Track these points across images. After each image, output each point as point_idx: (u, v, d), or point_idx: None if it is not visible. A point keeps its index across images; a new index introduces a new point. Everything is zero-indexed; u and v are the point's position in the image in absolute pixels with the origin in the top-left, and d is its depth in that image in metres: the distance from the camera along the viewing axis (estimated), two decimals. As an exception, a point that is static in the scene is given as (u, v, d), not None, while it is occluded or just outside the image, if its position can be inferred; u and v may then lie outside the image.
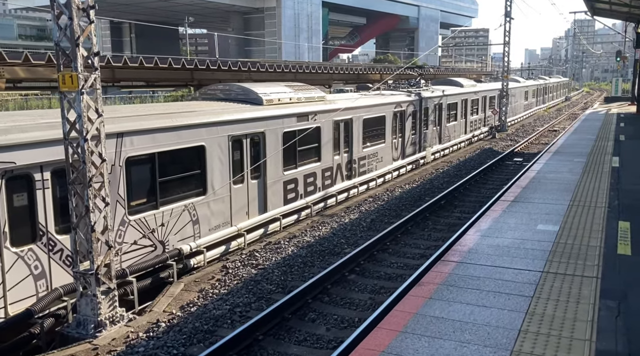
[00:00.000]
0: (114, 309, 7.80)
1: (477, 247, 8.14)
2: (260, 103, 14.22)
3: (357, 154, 18.79)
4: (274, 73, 21.52)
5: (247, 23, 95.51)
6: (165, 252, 10.52)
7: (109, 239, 7.75)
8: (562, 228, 9.07)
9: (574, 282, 6.72)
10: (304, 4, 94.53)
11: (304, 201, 15.22)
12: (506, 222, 9.51)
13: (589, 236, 8.60)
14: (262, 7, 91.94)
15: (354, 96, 19.86)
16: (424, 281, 6.79)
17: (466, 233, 8.92)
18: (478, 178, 19.89)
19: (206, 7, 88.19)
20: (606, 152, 17.32)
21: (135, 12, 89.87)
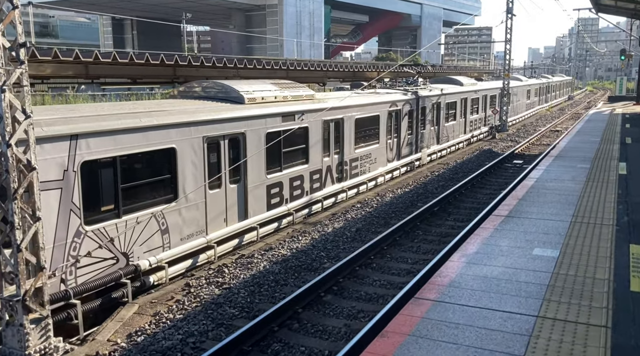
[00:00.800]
0: (47, 340, 6.81)
1: (460, 279, 6.72)
2: (241, 101, 13.19)
3: (349, 155, 17.76)
4: (264, 70, 20.50)
5: (249, 20, 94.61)
6: (118, 270, 9.40)
7: (41, 259, 6.74)
8: (562, 253, 7.64)
9: (578, 333, 5.33)
10: (306, 2, 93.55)
11: (285, 208, 14.14)
12: (498, 245, 8.09)
13: (594, 265, 7.17)
14: (264, 5, 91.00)
15: (345, 95, 18.82)
16: (388, 330, 5.40)
17: (449, 259, 7.46)
18: (475, 182, 18.79)
19: (208, 3, 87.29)
20: (612, 157, 16.02)
21: (137, 9, 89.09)
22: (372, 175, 19.26)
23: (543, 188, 11.93)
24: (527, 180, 12.91)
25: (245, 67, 18.42)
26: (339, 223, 13.80)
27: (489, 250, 7.88)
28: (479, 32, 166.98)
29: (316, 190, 15.93)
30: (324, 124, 16.23)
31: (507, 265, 7.27)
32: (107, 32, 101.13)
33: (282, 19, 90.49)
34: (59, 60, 12.58)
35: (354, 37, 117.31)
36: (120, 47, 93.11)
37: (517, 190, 11.78)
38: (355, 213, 14.79)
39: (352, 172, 18.08)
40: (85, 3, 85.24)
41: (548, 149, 25.35)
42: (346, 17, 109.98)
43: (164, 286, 9.64)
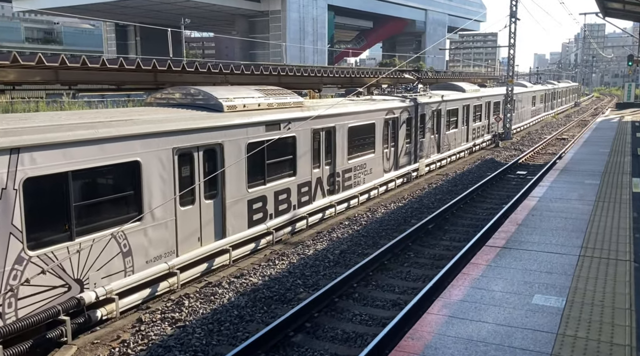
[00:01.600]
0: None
1: (439, 342, 5.27)
2: (219, 109, 12.13)
3: (342, 166, 16.66)
4: (254, 76, 19.48)
5: (252, 26, 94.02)
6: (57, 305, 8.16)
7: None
8: (569, 302, 6.15)
9: None
10: (309, 7, 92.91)
11: (265, 226, 12.90)
12: (489, 289, 6.57)
13: (611, 321, 5.62)
14: (267, 11, 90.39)
15: (339, 102, 17.74)
16: None
17: (428, 311, 6.02)
18: (475, 195, 17.57)
19: (211, 10, 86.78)
20: (623, 171, 14.59)
21: (140, 14, 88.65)
22: (367, 187, 18.16)
23: (547, 210, 10.49)
24: (529, 200, 11.46)
25: (232, 72, 17.37)
26: (323, 244, 12.61)
27: (478, 297, 6.39)
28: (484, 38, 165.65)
29: (305, 204, 14.83)
30: (314, 133, 15.15)
31: (499, 320, 5.80)
32: (110, 39, 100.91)
33: (286, 25, 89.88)
34: (19, 65, 11.56)
35: (358, 43, 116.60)
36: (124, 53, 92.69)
37: (517, 212, 10.34)
38: (342, 231, 13.62)
39: (345, 184, 16.99)
40: (89, 9, 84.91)
41: (554, 159, 24.13)
42: (350, 23, 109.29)
43: (113, 322, 8.51)
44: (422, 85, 24.97)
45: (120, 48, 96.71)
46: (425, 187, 19.46)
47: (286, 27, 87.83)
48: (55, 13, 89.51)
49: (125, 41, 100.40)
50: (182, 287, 9.95)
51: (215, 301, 9.14)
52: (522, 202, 11.43)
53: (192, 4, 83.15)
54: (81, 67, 12.66)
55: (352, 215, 15.28)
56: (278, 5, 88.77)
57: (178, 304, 9.05)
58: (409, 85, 24.86)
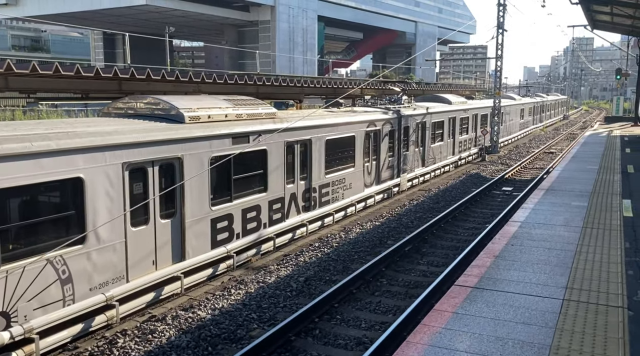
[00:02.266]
0: None
1: None
2: (180, 120, 11.19)
3: (318, 181, 15.75)
4: (229, 85, 18.54)
5: (242, 36, 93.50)
6: None
7: None
8: None
9: None
10: (299, 18, 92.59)
11: (224, 249, 11.76)
12: (452, 348, 5.29)
13: None
14: (256, 21, 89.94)
15: (316, 113, 16.87)
16: None
17: None
18: (457, 213, 16.62)
19: (199, 19, 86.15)
20: (613, 192, 13.42)
21: (128, 23, 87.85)
22: (347, 202, 17.26)
23: (528, 239, 9.22)
24: (509, 225, 10.19)
25: (203, 81, 16.43)
26: (288, 269, 11.52)
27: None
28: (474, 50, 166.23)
29: (277, 222, 13.88)
30: (287, 146, 14.24)
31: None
32: (98, 47, 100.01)
33: (275, 35, 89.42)
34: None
35: (348, 54, 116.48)
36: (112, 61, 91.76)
37: (494, 241, 8.99)
38: (311, 254, 12.55)
39: (322, 200, 16.07)
40: (75, 17, 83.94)
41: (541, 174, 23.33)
42: (340, 34, 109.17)
43: (32, 367, 7.47)
44: (406, 97, 24.21)
45: (108, 56, 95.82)
46: (406, 203, 18.48)
47: (276, 38, 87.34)
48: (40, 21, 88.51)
49: (113, 49, 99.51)
50: (121, 321, 8.87)
51: (153, 340, 8.04)
52: (502, 228, 10.21)
53: (180, 12, 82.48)
54: (32, 74, 11.68)
55: (325, 235, 14.26)
56: (268, 16, 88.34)
57: (111, 343, 7.96)
58: (393, 96, 24.09)
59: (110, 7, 78.87)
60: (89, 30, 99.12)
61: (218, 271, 11.48)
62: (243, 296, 9.80)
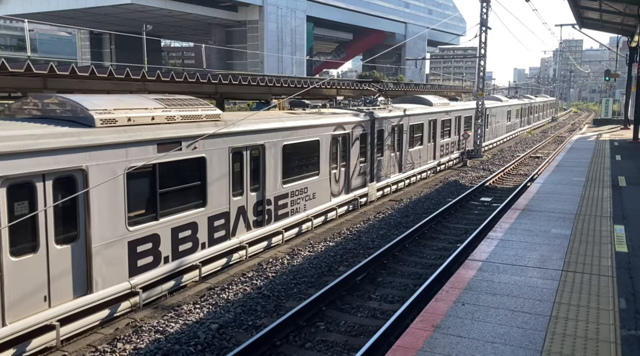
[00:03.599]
0: None
1: None
2: (89, 124, 9.20)
3: (274, 192, 13.80)
4: (182, 83, 16.55)
5: (230, 36, 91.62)
6: None
7: None
8: None
9: None
10: (287, 18, 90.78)
11: (128, 284, 9.52)
12: None
13: None
14: (244, 20, 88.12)
15: (275, 115, 14.92)
16: None
17: None
18: (427, 229, 14.55)
19: (186, 18, 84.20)
20: (602, 213, 11.00)
21: (114, 22, 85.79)
22: (311, 213, 15.34)
23: (487, 292, 6.72)
24: (466, 268, 7.57)
25: (143, 78, 14.37)
26: (203, 310, 9.27)
27: None
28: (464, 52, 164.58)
29: (220, 240, 11.91)
30: (234, 153, 12.29)
31: None
32: (85, 47, 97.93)
33: (263, 35, 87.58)
34: None
35: (337, 55, 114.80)
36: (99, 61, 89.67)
37: (438, 298, 6.45)
38: (240, 287, 10.34)
39: (279, 212, 14.12)
40: (61, 16, 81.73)
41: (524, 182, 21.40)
42: (330, 35, 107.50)
43: None
44: (383, 98, 22.31)
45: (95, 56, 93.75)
46: (371, 217, 16.28)
47: (264, 38, 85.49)
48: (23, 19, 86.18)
49: (99, 49, 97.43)
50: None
51: None
52: (456, 272, 7.58)
53: (166, 12, 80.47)
54: None
55: (267, 259, 12.11)
56: (256, 16, 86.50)
57: None
58: (368, 97, 22.17)
59: (95, 6, 76.77)
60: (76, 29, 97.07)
61: (118, 312, 9.28)
62: (130, 354, 7.69)
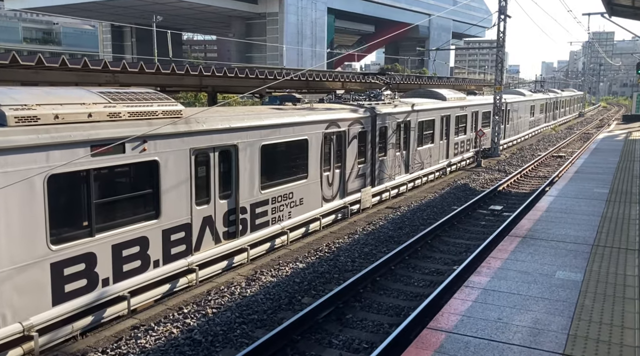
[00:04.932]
0: None
1: None
2: (0, 122, 7.61)
3: (250, 199, 12.06)
4: (160, 75, 14.96)
5: (249, 29, 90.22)
6: None
7: None
8: None
9: None
10: (308, 10, 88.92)
11: (19, 325, 7.45)
12: None
13: None
14: (264, 13, 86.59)
15: (254, 111, 13.14)
16: None
17: None
18: (421, 246, 12.32)
19: (205, 11, 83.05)
20: (629, 244, 8.22)
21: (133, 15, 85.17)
22: (298, 221, 13.56)
23: None
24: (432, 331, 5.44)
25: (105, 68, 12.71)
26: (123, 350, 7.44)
27: None
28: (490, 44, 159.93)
29: (179, 257, 10.23)
30: (197, 155, 10.58)
31: None
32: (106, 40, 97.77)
33: (283, 28, 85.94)
34: None
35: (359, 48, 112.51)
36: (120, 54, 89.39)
37: None
38: (166, 328, 8.19)
39: (258, 222, 12.37)
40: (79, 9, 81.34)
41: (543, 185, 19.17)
42: (351, 27, 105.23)
43: None
44: (389, 92, 20.35)
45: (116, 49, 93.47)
46: (360, 229, 14.03)
47: (284, 30, 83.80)
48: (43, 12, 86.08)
49: (121, 42, 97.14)
50: None
51: None
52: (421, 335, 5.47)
53: (185, 4, 79.39)
54: None
55: (220, 284, 10.12)
56: (276, 8, 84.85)
57: None
58: (373, 91, 20.24)
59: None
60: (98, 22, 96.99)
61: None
62: None
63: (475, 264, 9.71)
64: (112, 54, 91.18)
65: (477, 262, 9.88)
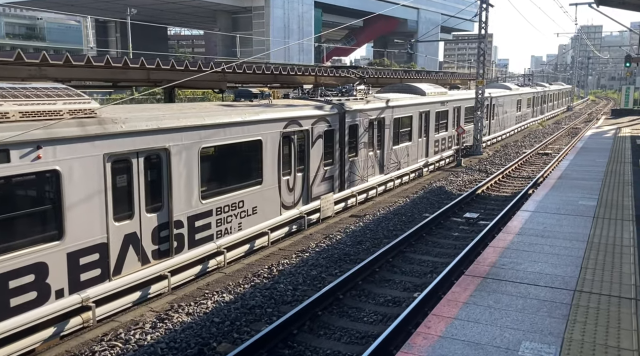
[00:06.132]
0: None
1: None
2: None
3: (187, 210, 10.34)
4: (97, 69, 13.21)
5: (235, 23, 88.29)
6: None
7: None
8: None
9: None
10: (294, 4, 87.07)
11: None
12: None
13: None
14: (250, 7, 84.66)
15: (195, 109, 11.38)
16: None
17: None
18: (380, 266, 10.31)
19: (189, 5, 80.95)
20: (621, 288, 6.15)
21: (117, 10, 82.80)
22: (249, 233, 11.85)
23: None
24: None
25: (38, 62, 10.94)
26: None
27: None
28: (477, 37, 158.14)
29: (92, 283, 8.53)
30: (114, 162, 8.85)
31: None
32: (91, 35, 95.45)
33: (269, 22, 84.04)
34: None
35: (347, 43, 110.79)
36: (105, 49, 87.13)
37: None
38: None
39: (199, 236, 10.67)
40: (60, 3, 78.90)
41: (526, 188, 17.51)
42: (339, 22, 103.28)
43: None
44: (363, 87, 18.66)
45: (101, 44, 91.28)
46: (314, 244, 11.89)
47: (270, 24, 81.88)
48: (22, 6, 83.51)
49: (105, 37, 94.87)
50: None
51: None
52: None
53: (169, -2, 77.33)
54: None
55: (123, 325, 8.05)
56: (261, 2, 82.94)
57: None
58: (345, 86, 18.53)
59: (94, -8, 73.89)
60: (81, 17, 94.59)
61: None
62: None
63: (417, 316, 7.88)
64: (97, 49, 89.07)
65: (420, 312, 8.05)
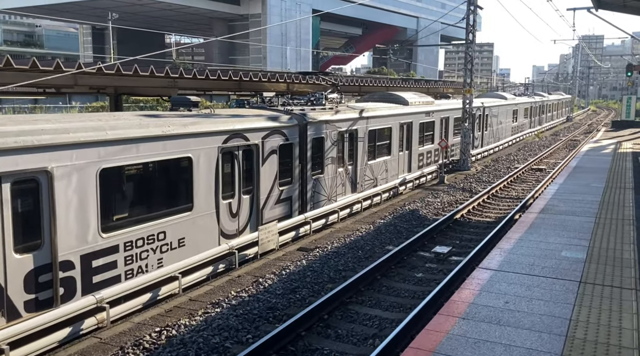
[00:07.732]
0: None
1: None
2: None
3: (80, 247, 8.15)
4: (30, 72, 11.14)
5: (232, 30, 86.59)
6: None
7: None
8: None
9: None
10: (292, 12, 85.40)
11: None
12: None
13: None
14: (247, 14, 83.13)
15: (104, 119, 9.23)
16: None
17: None
18: (308, 328, 7.81)
19: (185, 12, 79.46)
20: None
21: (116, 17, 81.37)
22: (182, 267, 9.66)
23: None
24: None
25: None
26: None
27: None
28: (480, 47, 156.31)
29: None
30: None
31: None
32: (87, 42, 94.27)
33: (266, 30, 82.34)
34: None
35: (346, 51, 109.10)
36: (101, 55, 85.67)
37: None
38: None
39: (98, 278, 8.49)
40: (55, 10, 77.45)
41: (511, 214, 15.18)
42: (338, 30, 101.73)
43: None
44: (335, 95, 16.52)
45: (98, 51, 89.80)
46: (234, 293, 9.27)
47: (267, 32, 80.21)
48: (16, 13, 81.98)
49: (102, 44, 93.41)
50: None
51: None
52: None
53: (165, 5, 75.77)
54: None
55: None
56: (258, 9, 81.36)
57: None
58: (314, 94, 16.39)
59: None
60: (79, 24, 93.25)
61: None
62: None
63: None
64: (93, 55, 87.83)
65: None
